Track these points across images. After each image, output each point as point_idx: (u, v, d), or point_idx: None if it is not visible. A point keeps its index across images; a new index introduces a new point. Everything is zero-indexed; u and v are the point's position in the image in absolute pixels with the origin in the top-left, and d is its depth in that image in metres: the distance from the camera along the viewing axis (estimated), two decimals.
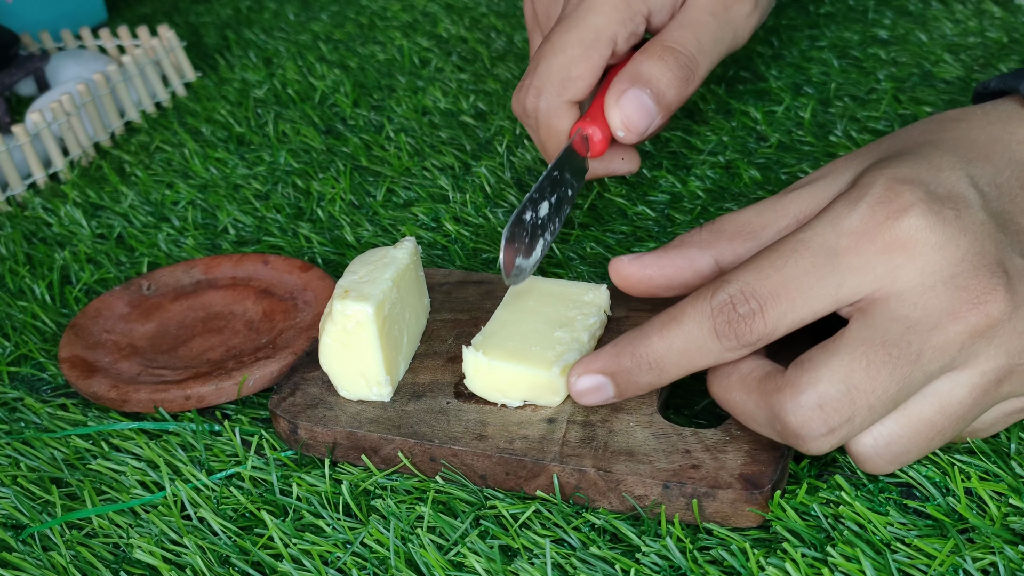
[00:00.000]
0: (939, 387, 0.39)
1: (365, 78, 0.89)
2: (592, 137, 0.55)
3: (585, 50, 0.55)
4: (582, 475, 0.44)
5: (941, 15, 0.85)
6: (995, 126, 0.45)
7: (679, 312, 0.42)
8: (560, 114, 0.55)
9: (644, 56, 0.55)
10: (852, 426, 0.39)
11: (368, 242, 0.66)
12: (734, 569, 0.42)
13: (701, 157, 0.70)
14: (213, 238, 0.69)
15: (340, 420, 0.49)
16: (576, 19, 0.55)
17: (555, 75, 0.55)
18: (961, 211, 0.40)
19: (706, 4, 0.57)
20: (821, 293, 0.40)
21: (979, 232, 0.40)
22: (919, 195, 0.40)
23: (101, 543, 0.47)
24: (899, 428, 0.40)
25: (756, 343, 0.41)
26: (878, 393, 0.39)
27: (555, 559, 0.43)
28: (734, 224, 0.46)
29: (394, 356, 0.50)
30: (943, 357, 0.39)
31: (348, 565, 0.44)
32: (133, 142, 0.83)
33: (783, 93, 0.76)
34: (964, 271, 0.39)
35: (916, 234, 0.39)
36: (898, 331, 0.39)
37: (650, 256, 0.47)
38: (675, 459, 0.44)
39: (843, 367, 0.39)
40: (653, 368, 0.43)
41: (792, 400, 0.39)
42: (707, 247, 0.46)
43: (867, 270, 0.40)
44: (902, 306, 0.39)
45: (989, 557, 0.40)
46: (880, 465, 0.41)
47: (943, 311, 0.39)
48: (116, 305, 0.61)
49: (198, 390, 0.53)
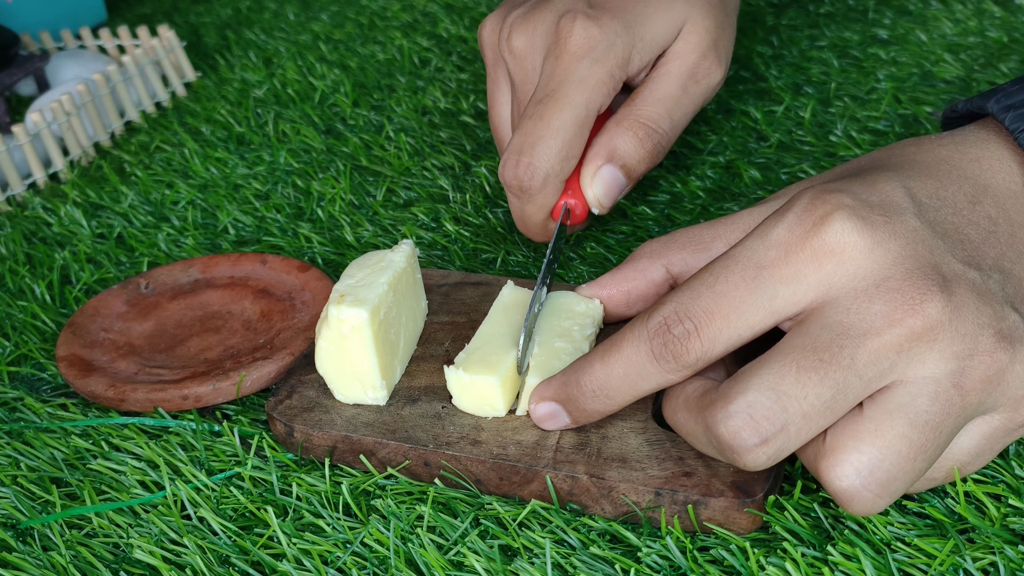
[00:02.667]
0: (900, 399, 0.38)
1: (365, 78, 0.89)
2: (574, 210, 0.57)
3: (580, 129, 0.56)
4: (575, 481, 0.44)
5: (941, 15, 0.85)
6: (945, 148, 0.45)
7: (619, 338, 0.42)
8: (554, 192, 0.56)
9: (619, 130, 0.56)
10: (788, 436, 0.38)
11: (368, 242, 0.66)
12: (734, 569, 0.42)
13: (701, 157, 0.70)
14: (213, 238, 0.69)
15: (336, 424, 0.49)
16: (568, 96, 0.56)
17: (555, 157, 0.55)
18: (891, 217, 0.40)
19: (680, 76, 0.58)
20: (754, 307, 0.39)
21: (911, 237, 0.39)
22: (844, 201, 0.40)
23: (101, 543, 0.47)
24: (877, 452, 0.38)
25: (695, 363, 0.40)
26: (811, 399, 0.38)
27: (555, 559, 0.43)
28: (685, 235, 0.48)
29: (390, 360, 0.50)
30: (881, 361, 0.38)
31: (348, 565, 0.44)
32: (133, 142, 0.83)
33: (783, 93, 0.76)
34: (897, 274, 0.38)
35: (843, 238, 0.39)
36: (829, 337, 0.38)
37: (606, 277, 0.50)
38: (668, 466, 0.44)
39: (772, 375, 0.38)
40: (599, 395, 0.43)
41: (722, 410, 0.39)
42: (657, 257, 0.48)
43: (799, 280, 0.39)
44: (836, 312, 0.39)
45: (989, 557, 0.40)
46: (869, 500, 0.38)
47: (877, 315, 0.38)
48: (114, 304, 0.61)
49: (195, 390, 0.53)
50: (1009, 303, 0.40)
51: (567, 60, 0.56)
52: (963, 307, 0.38)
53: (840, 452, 0.38)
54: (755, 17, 0.89)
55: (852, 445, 0.38)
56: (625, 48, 0.56)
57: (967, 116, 0.48)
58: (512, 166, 0.56)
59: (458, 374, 0.47)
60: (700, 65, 0.58)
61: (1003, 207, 0.43)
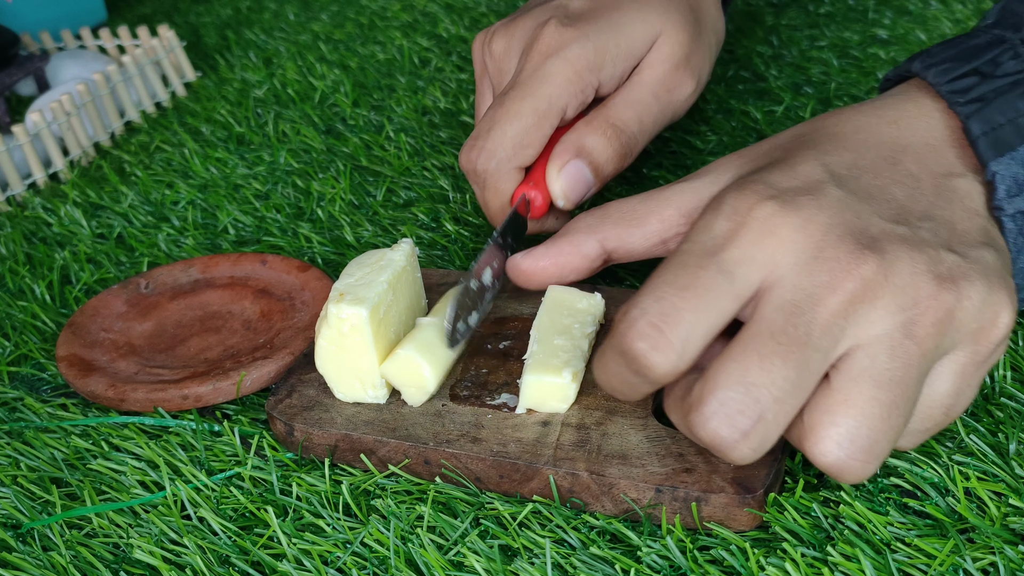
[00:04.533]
0: (860, 364, 0.39)
1: (365, 78, 0.89)
2: (534, 201, 0.57)
3: (538, 120, 0.56)
4: (575, 478, 0.44)
5: (941, 15, 0.85)
6: (863, 116, 0.46)
7: (603, 352, 0.42)
8: (508, 178, 0.57)
9: (589, 129, 0.57)
10: (766, 424, 0.39)
11: (368, 242, 0.66)
12: (734, 569, 0.42)
13: (701, 157, 0.70)
14: (213, 238, 0.69)
15: (336, 422, 0.49)
16: (531, 88, 0.57)
17: (508, 142, 0.56)
18: (815, 193, 0.41)
19: (651, 85, 0.59)
20: (719, 292, 0.40)
21: (836, 207, 0.41)
22: (767, 192, 0.41)
23: (101, 543, 0.47)
24: (853, 420, 0.39)
25: (676, 367, 0.40)
26: (779, 383, 0.38)
27: (555, 559, 0.43)
28: (619, 210, 0.49)
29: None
30: (833, 330, 0.39)
31: (348, 565, 0.44)
32: (133, 142, 0.83)
33: (783, 93, 0.76)
34: (829, 243, 0.40)
35: (775, 219, 0.40)
36: (783, 318, 0.39)
37: (540, 248, 0.49)
38: (668, 463, 0.44)
39: (737, 369, 0.39)
40: (618, 395, 0.43)
41: (697, 414, 0.39)
42: (592, 232, 0.49)
43: (749, 260, 0.40)
44: (783, 292, 0.39)
45: (989, 557, 0.40)
46: (857, 467, 0.39)
47: (820, 285, 0.39)
48: (114, 304, 0.61)
49: (195, 390, 0.53)
50: (944, 247, 0.41)
51: (536, 58, 0.58)
52: (896, 261, 0.40)
53: (818, 429, 0.39)
54: (755, 17, 0.89)
55: (827, 420, 0.39)
56: (597, 53, 0.57)
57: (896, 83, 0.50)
58: (467, 150, 0.57)
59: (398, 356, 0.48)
60: (672, 76, 0.59)
61: (923, 161, 0.44)
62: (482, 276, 0.50)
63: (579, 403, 0.48)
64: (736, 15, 0.90)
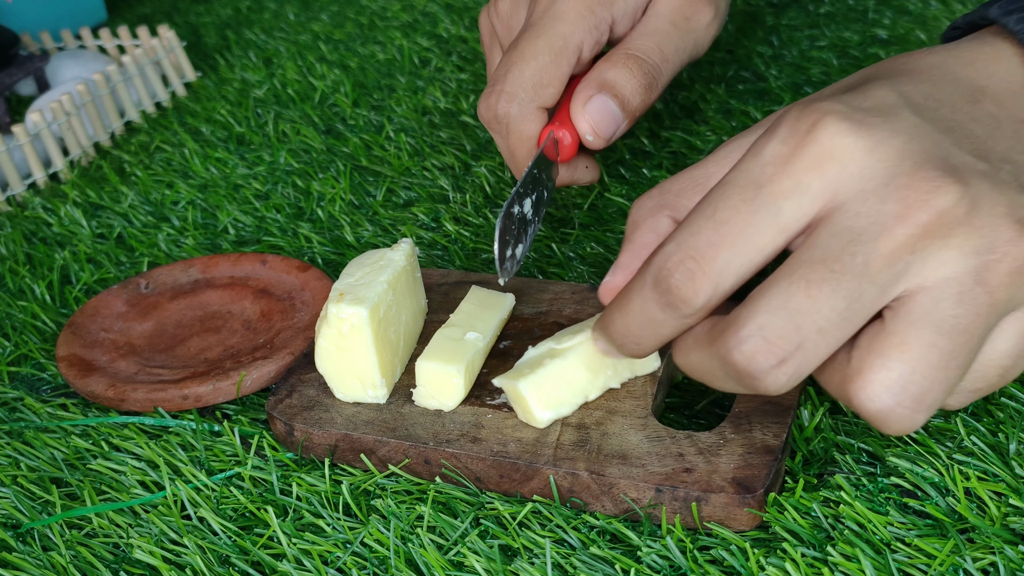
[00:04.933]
0: (922, 307, 0.36)
1: (365, 78, 0.89)
2: (563, 141, 0.55)
3: (555, 57, 0.55)
4: (575, 478, 0.44)
5: (941, 15, 0.85)
6: (937, 55, 0.43)
7: (627, 291, 0.41)
8: (531, 119, 0.56)
9: (609, 64, 0.56)
10: (805, 354, 0.36)
11: (368, 242, 0.66)
12: (734, 569, 0.42)
13: (701, 157, 0.70)
14: (213, 238, 0.69)
15: (336, 422, 0.49)
16: (543, 27, 0.56)
17: (527, 81, 0.55)
18: (888, 116, 0.38)
19: (667, 14, 0.57)
20: (760, 228, 0.37)
21: (913, 133, 0.37)
22: (834, 107, 0.38)
23: (101, 543, 0.47)
24: (907, 366, 0.36)
25: (708, 302, 0.38)
26: (824, 313, 0.36)
27: (555, 559, 0.43)
28: (678, 182, 0.45)
29: (390, 358, 0.50)
30: (895, 264, 0.36)
31: (348, 565, 0.44)
32: (133, 142, 0.83)
33: (783, 93, 0.76)
34: (905, 170, 0.36)
35: (840, 140, 0.37)
36: (839, 245, 0.36)
37: (623, 256, 0.46)
38: (668, 462, 0.44)
39: (781, 294, 0.36)
40: (629, 343, 0.42)
41: (734, 337, 0.37)
42: (659, 210, 0.45)
43: (801, 191, 0.37)
44: (844, 218, 0.37)
45: (989, 557, 0.40)
46: (906, 417, 0.36)
47: (888, 214, 0.36)
48: (114, 304, 0.61)
49: (195, 390, 0.53)
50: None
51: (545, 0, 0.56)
52: (978, 198, 0.36)
53: (868, 372, 0.36)
54: (755, 17, 0.89)
55: (879, 363, 0.36)
56: None
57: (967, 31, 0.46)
58: (485, 97, 0.56)
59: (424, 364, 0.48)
60: (688, 4, 0.57)
61: (1003, 104, 0.41)
62: (523, 204, 0.49)
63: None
64: (736, 15, 0.90)
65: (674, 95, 0.78)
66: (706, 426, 0.49)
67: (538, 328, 0.53)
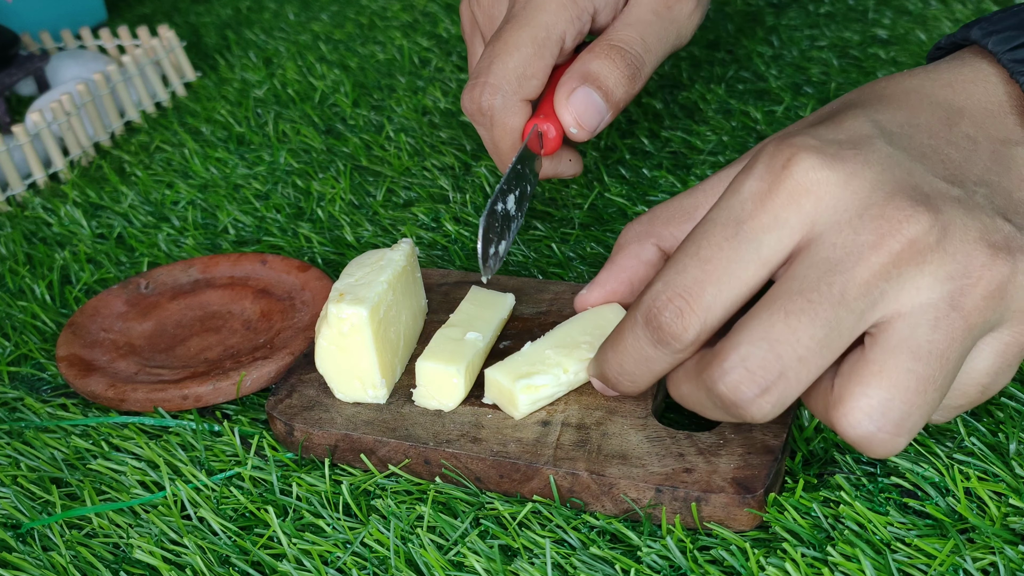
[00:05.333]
0: (899, 333, 0.37)
1: (365, 78, 0.89)
2: (547, 134, 0.55)
3: (538, 48, 0.55)
4: (575, 478, 0.44)
5: (941, 15, 0.85)
6: (916, 78, 0.44)
7: (619, 330, 0.42)
8: (515, 112, 0.55)
9: (591, 55, 0.56)
10: (787, 382, 0.37)
11: (368, 242, 0.66)
12: (734, 569, 0.42)
13: (701, 157, 0.70)
14: (213, 238, 0.69)
15: (336, 422, 0.49)
16: (526, 18, 0.56)
17: (511, 73, 0.55)
18: (861, 148, 0.39)
19: (650, 4, 0.57)
20: (743, 263, 0.39)
21: (886, 163, 0.38)
22: (808, 143, 0.39)
23: (101, 543, 0.47)
24: (886, 392, 0.37)
25: (697, 338, 0.39)
26: (804, 342, 0.37)
27: (555, 559, 0.43)
28: (666, 210, 0.47)
29: (390, 359, 0.50)
30: (871, 291, 0.37)
31: (348, 565, 0.44)
32: (133, 142, 0.83)
33: (783, 93, 0.76)
34: (877, 200, 0.37)
35: (814, 174, 0.38)
36: (816, 275, 0.37)
37: (602, 274, 0.48)
38: (668, 463, 0.44)
39: (761, 325, 0.37)
40: (624, 379, 0.43)
41: (718, 368, 0.38)
42: (645, 237, 0.47)
43: (780, 224, 0.38)
44: (821, 249, 0.38)
45: (989, 557, 0.40)
46: (887, 440, 0.38)
47: (863, 244, 0.37)
48: (114, 304, 0.61)
49: (195, 390, 0.53)
50: (1000, 214, 0.38)
51: None
52: (950, 224, 0.37)
53: (848, 399, 0.37)
54: (755, 17, 0.89)
55: (859, 391, 0.37)
56: None
57: (950, 51, 0.47)
58: (469, 90, 0.56)
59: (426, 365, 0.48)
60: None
61: (981, 125, 0.42)
62: (507, 201, 0.49)
63: (579, 403, 0.48)
64: (736, 15, 0.90)
65: (674, 95, 0.78)
66: (706, 426, 0.49)
67: (538, 328, 0.53)
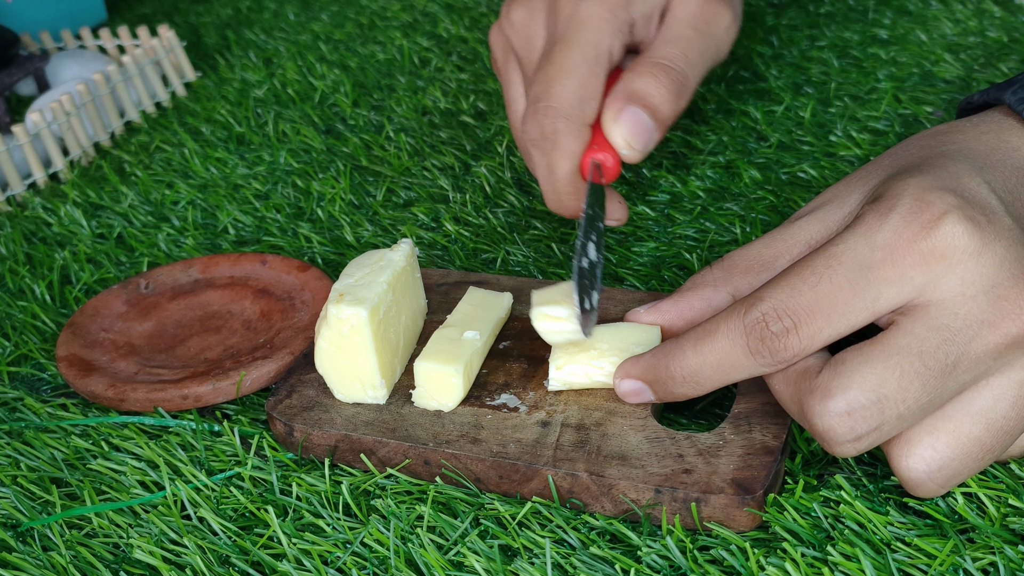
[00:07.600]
0: (982, 403, 0.39)
1: (365, 78, 0.89)
2: (604, 163, 0.54)
3: (591, 68, 0.54)
4: (575, 479, 0.44)
5: (941, 15, 0.85)
6: (989, 135, 0.45)
7: (713, 328, 0.42)
8: (577, 136, 0.54)
9: (635, 74, 0.55)
10: (880, 434, 0.39)
11: (368, 242, 0.66)
12: (734, 569, 0.42)
13: (701, 157, 0.70)
14: (213, 238, 0.69)
15: (336, 423, 0.49)
16: (572, 38, 0.55)
17: (572, 96, 0.54)
18: (991, 217, 0.40)
19: (688, 19, 0.57)
20: (857, 308, 0.40)
21: (1011, 238, 0.40)
22: (953, 202, 0.40)
23: (101, 543, 0.47)
24: (951, 451, 0.40)
25: (792, 359, 0.41)
26: (908, 403, 0.39)
27: (555, 559, 0.43)
28: (745, 258, 0.47)
29: (389, 359, 0.50)
30: (978, 367, 0.39)
31: (348, 565, 0.44)
32: (133, 142, 0.83)
33: (783, 93, 0.76)
34: (1004, 280, 0.39)
35: (954, 242, 0.39)
36: (936, 341, 0.39)
37: (666, 303, 0.48)
38: (668, 463, 0.44)
39: (875, 375, 0.39)
40: (688, 381, 0.43)
41: (821, 404, 0.39)
42: (722, 284, 0.47)
43: (904, 282, 0.39)
44: (942, 315, 0.39)
45: (989, 557, 0.40)
46: (932, 490, 0.41)
47: (982, 322, 0.39)
48: (114, 304, 0.61)
49: (195, 390, 0.53)
50: None
51: (566, 8, 0.56)
52: None
53: (915, 444, 0.40)
54: (755, 17, 0.89)
55: (928, 441, 0.40)
56: None
57: (982, 107, 0.48)
58: (531, 115, 0.54)
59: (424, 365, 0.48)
60: (705, 7, 0.57)
61: None
62: (588, 251, 0.49)
63: (579, 404, 0.48)
64: None
65: None
66: (706, 427, 0.49)
67: None
